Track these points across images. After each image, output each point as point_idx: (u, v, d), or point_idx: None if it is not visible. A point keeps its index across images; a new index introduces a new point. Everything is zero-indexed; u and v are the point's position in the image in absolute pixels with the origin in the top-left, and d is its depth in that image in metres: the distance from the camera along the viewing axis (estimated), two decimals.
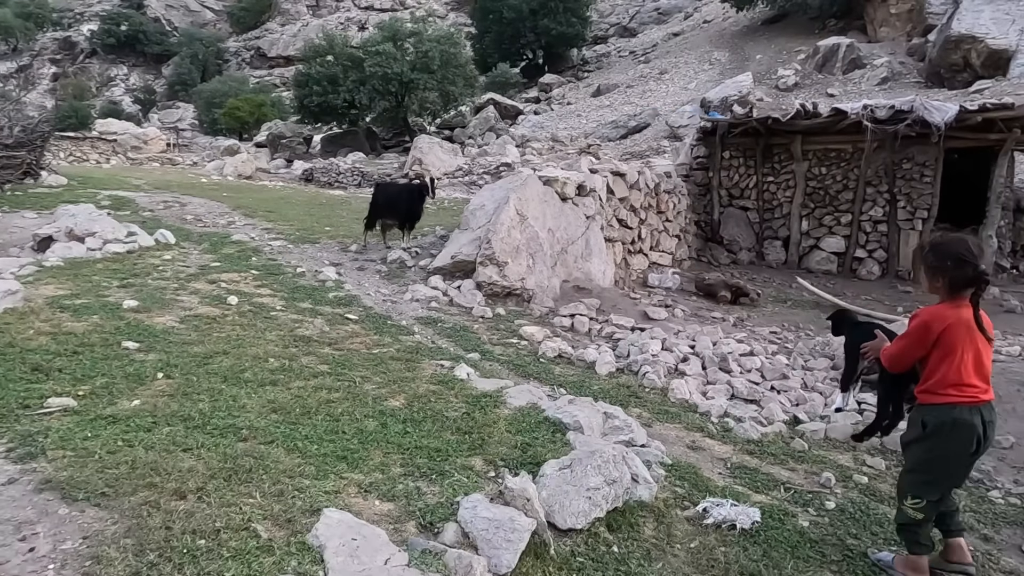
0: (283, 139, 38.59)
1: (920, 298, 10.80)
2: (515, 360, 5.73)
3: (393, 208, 8.69)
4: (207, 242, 8.75)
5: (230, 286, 6.76)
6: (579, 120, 41.63)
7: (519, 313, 7.17)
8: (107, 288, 6.26)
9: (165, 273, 7.04)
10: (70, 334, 4.83)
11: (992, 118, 10.77)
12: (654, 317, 7.33)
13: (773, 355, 6.46)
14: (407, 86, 35.95)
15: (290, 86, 54.40)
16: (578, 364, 5.86)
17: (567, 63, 53.78)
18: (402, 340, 5.76)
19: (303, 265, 7.97)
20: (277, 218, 11.41)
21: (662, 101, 39.94)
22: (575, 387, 5.26)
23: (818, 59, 37.59)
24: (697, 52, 45.64)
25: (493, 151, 31.10)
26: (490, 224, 7.62)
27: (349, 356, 5.11)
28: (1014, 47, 30.27)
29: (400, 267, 8.35)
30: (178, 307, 5.88)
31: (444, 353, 5.53)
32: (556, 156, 26.21)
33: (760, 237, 13.17)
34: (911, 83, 33.55)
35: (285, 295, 6.70)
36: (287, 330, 5.61)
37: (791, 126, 12.13)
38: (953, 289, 2.93)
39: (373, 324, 6.14)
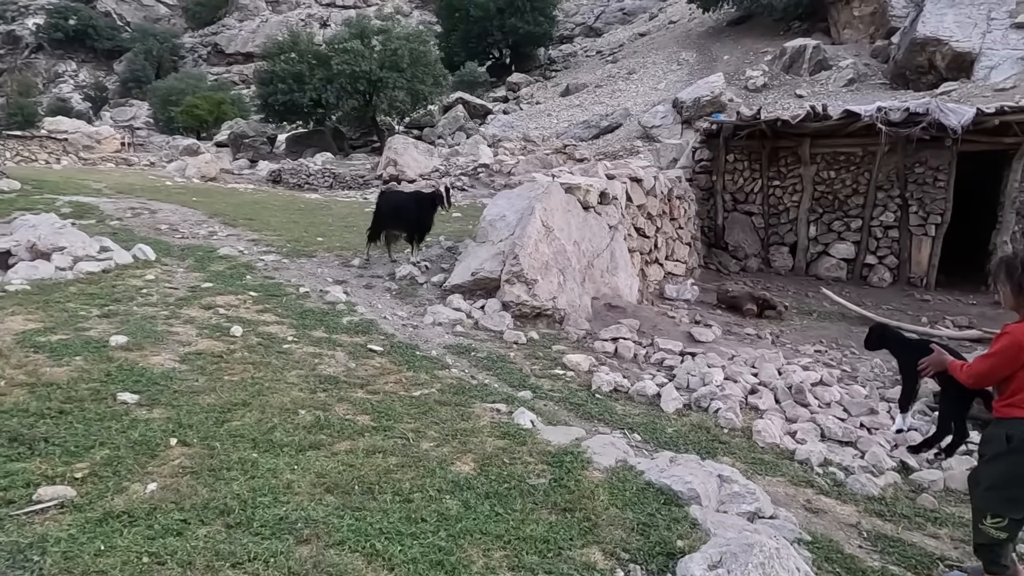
0: (246, 139, 37.08)
1: (938, 306, 10.47)
2: (570, 398, 5.03)
3: (401, 218, 7.89)
4: (191, 257, 7.82)
5: (229, 312, 5.90)
6: (549, 120, 41.14)
7: (554, 337, 6.47)
8: (86, 318, 5.35)
9: (151, 297, 6.14)
10: (52, 385, 3.96)
11: (1008, 121, 10.48)
12: (701, 339, 6.72)
13: (839, 381, 5.90)
14: (376, 85, 34.87)
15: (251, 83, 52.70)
16: (638, 400, 5.20)
17: (534, 62, 53.31)
18: (439, 376, 5.02)
19: (305, 284, 7.13)
20: (261, 227, 10.47)
21: (633, 101, 39.71)
22: (647, 430, 4.59)
23: (785, 60, 37.78)
24: (664, 52, 45.61)
25: (464, 151, 30.32)
26: (515, 238, 6.90)
27: (389, 401, 4.35)
28: (977, 50, 30.72)
29: (411, 284, 7.57)
30: (174, 341, 5.02)
31: (491, 392, 4.80)
32: (536, 158, 25.55)
33: (766, 243, 12.73)
34: (877, 84, 33.91)
35: (294, 322, 5.88)
36: (308, 368, 4.81)
37: (800, 128, 11.69)
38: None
39: (401, 356, 5.37)
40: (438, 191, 7.73)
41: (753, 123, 11.93)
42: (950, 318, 9.55)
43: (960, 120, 10.46)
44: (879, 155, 11.28)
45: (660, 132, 34.39)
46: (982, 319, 9.71)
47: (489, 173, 24.25)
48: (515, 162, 25.68)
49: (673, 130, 34.21)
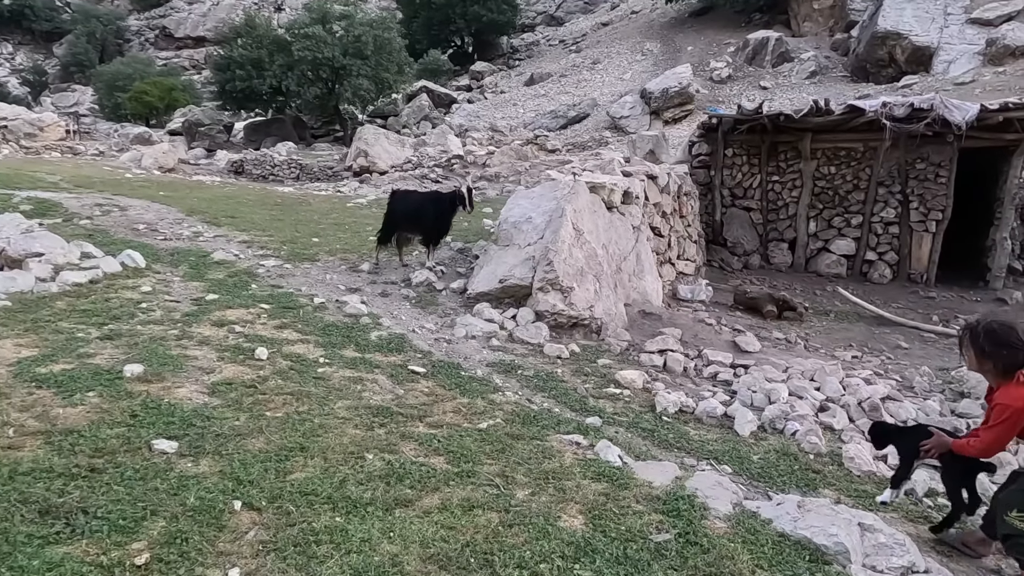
0: (201, 127, 35.49)
1: (944, 304, 10.43)
2: (638, 422, 4.62)
3: (416, 220, 7.31)
4: (184, 264, 7.12)
5: (245, 329, 5.29)
6: (516, 109, 40.66)
7: (595, 349, 6.05)
8: (86, 341, 4.69)
9: (153, 313, 5.47)
10: (71, 433, 3.35)
11: (1010, 118, 10.46)
12: (747, 349, 6.38)
13: (899, 390, 5.63)
14: (339, 72, 33.74)
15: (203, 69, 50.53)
16: (708, 422, 4.82)
17: (497, 51, 52.68)
18: (496, 402, 4.54)
19: (318, 293, 6.53)
20: (247, 226, 9.74)
21: (599, 91, 39.51)
22: (733, 460, 4.21)
23: (748, 52, 38.08)
24: (628, 43, 45.54)
25: (432, 141, 29.59)
26: (547, 242, 6.44)
27: (457, 437, 3.85)
28: (936, 44, 31.40)
29: (429, 291, 7.04)
30: (195, 368, 4.42)
31: (558, 420, 4.35)
32: (511, 150, 25.05)
33: (764, 239, 12.54)
34: (838, 77, 34.44)
35: (319, 339, 5.30)
36: (353, 397, 4.28)
37: (801, 123, 11.49)
38: (1006, 371, 3.15)
39: (447, 378, 4.88)
40: (459, 191, 7.18)
41: (755, 117, 11.67)
42: (963, 317, 9.49)
43: (964, 116, 10.38)
44: (882, 151, 11.15)
45: (629, 123, 34.28)
46: None
47: (463, 165, 23.65)
48: (486, 153, 25.16)
49: (642, 121, 34.14)
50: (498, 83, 45.96)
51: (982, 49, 29.81)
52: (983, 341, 3.19)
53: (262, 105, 35.10)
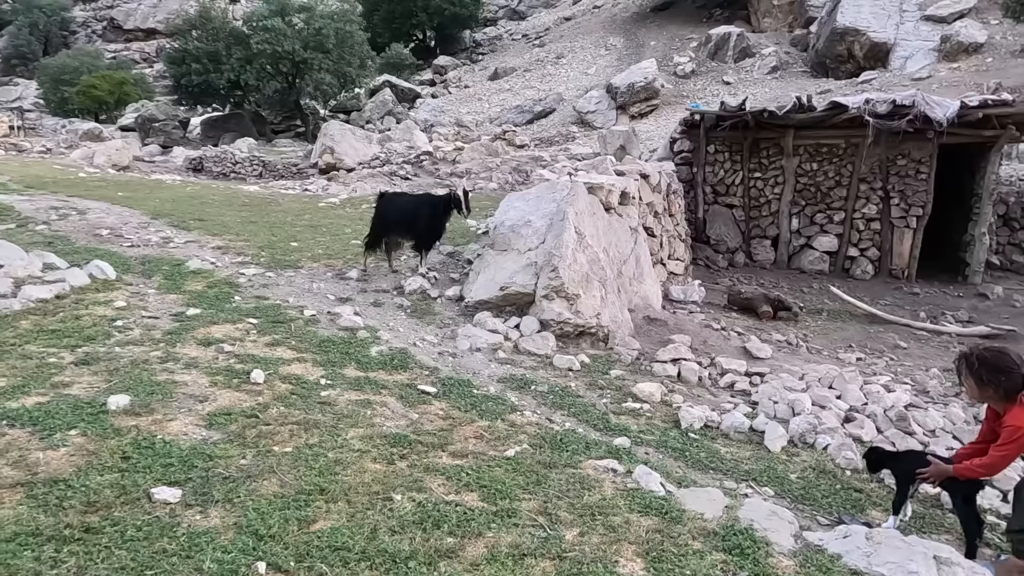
0: (155, 122, 34.09)
1: (928, 299, 10.49)
2: (666, 440, 4.37)
3: (408, 225, 6.91)
4: (158, 274, 6.60)
5: (235, 348, 4.86)
6: (481, 104, 40.30)
7: (605, 360, 5.78)
8: (60, 367, 4.22)
9: (131, 331, 5.00)
10: (57, 483, 2.93)
11: (988, 114, 10.56)
12: (759, 355, 6.20)
13: (915, 395, 5.51)
14: (299, 66, 32.84)
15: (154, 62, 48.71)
16: (735, 437, 4.60)
17: (460, 45, 52.15)
18: (516, 424, 4.24)
19: (307, 304, 6.11)
20: (219, 230, 9.19)
21: (564, 86, 39.40)
22: (772, 481, 4.00)
23: (710, 47, 38.39)
24: (592, 37, 45.51)
25: (397, 136, 29.02)
26: (551, 247, 6.14)
27: (486, 469, 3.54)
28: (892, 40, 32.05)
29: (423, 299, 6.67)
30: (186, 397, 4.00)
31: (586, 442, 4.06)
32: (481, 146, 24.64)
33: (747, 236, 12.48)
34: (799, 72, 34.96)
35: (317, 357, 4.91)
36: (365, 425, 3.92)
37: (784, 120, 11.44)
38: (1008, 395, 3.28)
39: (460, 398, 4.55)
40: (454, 194, 6.80)
41: (738, 114, 11.57)
42: (950, 313, 9.54)
43: (946, 113, 10.44)
44: (864, 147, 11.16)
45: (595, 118, 34.24)
46: (976, 313, 9.77)
47: (433, 161, 23.16)
48: (454, 148, 24.68)
49: (608, 115, 34.13)
50: (462, 78, 45.46)
51: (937, 45, 30.52)
52: (980, 370, 3.32)
53: (220, 100, 33.98)
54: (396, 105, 39.86)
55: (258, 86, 32.59)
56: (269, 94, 33.50)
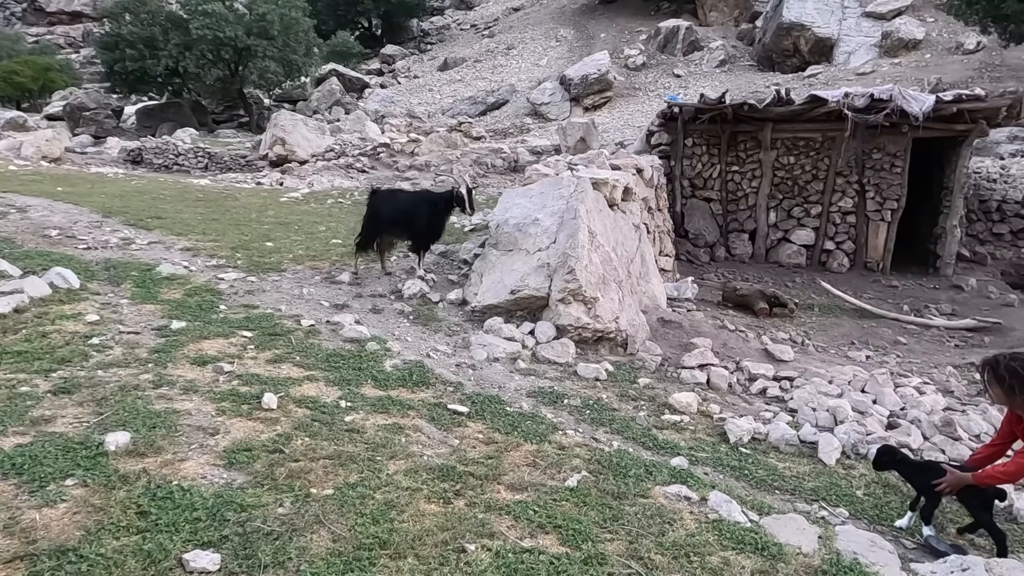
0: (85, 111, 32.06)
1: (907, 292, 10.59)
2: (721, 458, 4.07)
3: (405, 224, 6.39)
4: (128, 281, 5.92)
5: (234, 367, 4.32)
6: (432, 95, 39.63)
7: (630, 367, 5.46)
8: (35, 398, 3.61)
9: (110, 350, 4.39)
10: (64, 552, 2.40)
11: (961, 109, 10.70)
12: (782, 357, 5.98)
13: (941, 395, 5.39)
14: (242, 53, 31.37)
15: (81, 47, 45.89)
16: (787, 450, 4.34)
17: (407, 34, 51.14)
18: (564, 446, 3.87)
19: (302, 313, 5.56)
20: (183, 229, 8.45)
21: (516, 77, 39.07)
22: (842, 500, 3.77)
23: (660, 40, 38.64)
24: (542, 28, 45.27)
25: (348, 127, 28.14)
26: (565, 248, 5.77)
27: (552, 504, 3.16)
28: (836, 36, 32.85)
29: (424, 304, 6.20)
30: (193, 429, 3.46)
31: (644, 465, 3.72)
32: (439, 138, 24.02)
33: (725, 230, 12.39)
34: (746, 66, 35.54)
35: (328, 375, 4.41)
36: (403, 455, 3.48)
37: (762, 113, 11.36)
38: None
39: (496, 418, 4.14)
40: (456, 191, 6.30)
41: (717, 107, 11.43)
42: (932, 306, 9.63)
43: (922, 107, 10.52)
44: (844, 141, 11.17)
45: (549, 109, 34.04)
46: (955, 305, 9.90)
47: (391, 153, 22.45)
48: (408, 140, 24.00)
49: (562, 107, 33.99)
50: (411, 68, 44.56)
51: (878, 41, 31.41)
52: (1011, 382, 3.29)
53: (156, 88, 32.22)
54: (344, 95, 38.73)
55: (198, 74, 30.99)
56: (210, 82, 31.91)
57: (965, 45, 28.62)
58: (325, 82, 38.90)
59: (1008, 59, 26.56)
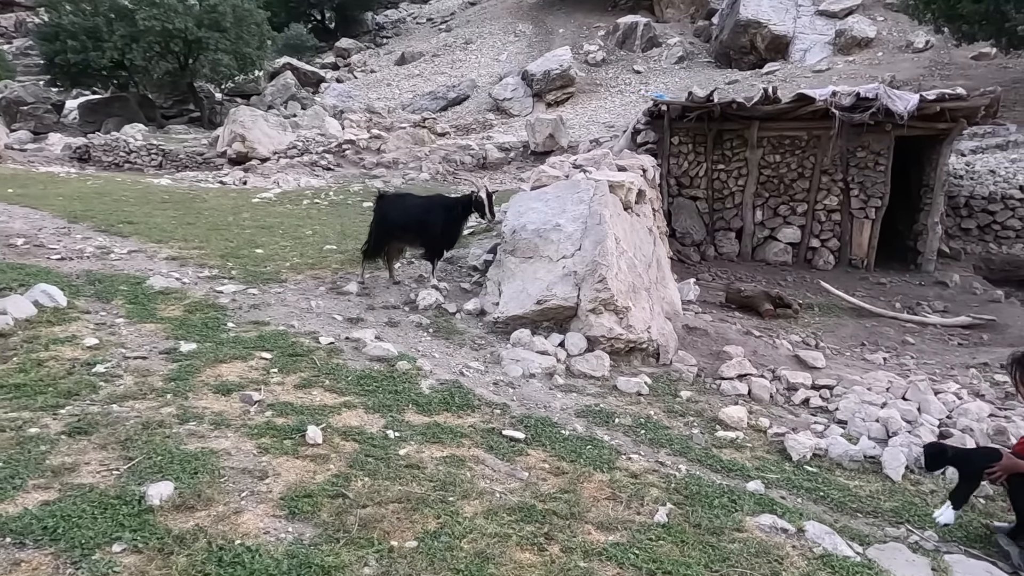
0: (23, 105, 30.28)
1: (896, 289, 10.70)
2: (791, 479, 3.88)
3: (418, 230, 6.00)
4: (118, 296, 5.40)
5: (262, 394, 3.92)
6: (391, 90, 38.94)
7: (667, 379, 5.23)
8: (50, 442, 3.16)
9: (119, 379, 3.93)
10: None
11: (944, 107, 10.84)
12: (815, 364, 5.84)
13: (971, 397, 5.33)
14: (192, 45, 30.09)
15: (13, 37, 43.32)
16: (851, 467, 4.18)
17: (362, 28, 50.11)
18: (635, 473, 3.63)
19: (318, 330, 5.15)
20: (160, 235, 7.87)
21: (477, 72, 38.70)
22: (925, 521, 3.60)
23: (619, 36, 38.75)
24: (500, 23, 44.98)
25: (306, 123, 27.31)
26: (592, 254, 5.51)
27: (647, 544, 2.91)
28: (791, 33, 33.44)
29: (441, 315, 5.85)
30: (239, 473, 3.08)
31: (724, 493, 3.50)
32: (406, 134, 23.47)
33: (711, 228, 12.32)
34: (704, 63, 35.92)
35: (364, 400, 4.05)
36: (474, 493, 3.17)
37: (751, 111, 11.30)
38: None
39: (554, 443, 3.86)
40: (475, 196, 5.92)
41: (705, 105, 11.33)
42: (925, 303, 9.73)
43: (906, 106, 10.62)
44: (831, 139, 11.20)
45: (512, 105, 33.76)
46: (943, 301, 10.04)
47: (357, 151, 21.84)
48: (369, 136, 23.40)
49: (524, 103, 33.76)
50: (367, 62, 43.66)
51: (832, 39, 32.08)
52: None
53: (101, 81, 30.62)
54: (299, 89, 37.65)
55: (146, 67, 29.56)
56: (159, 76, 30.52)
57: (915, 44, 29.44)
58: (279, 76, 37.73)
59: (955, 58, 27.42)
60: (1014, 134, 18.05)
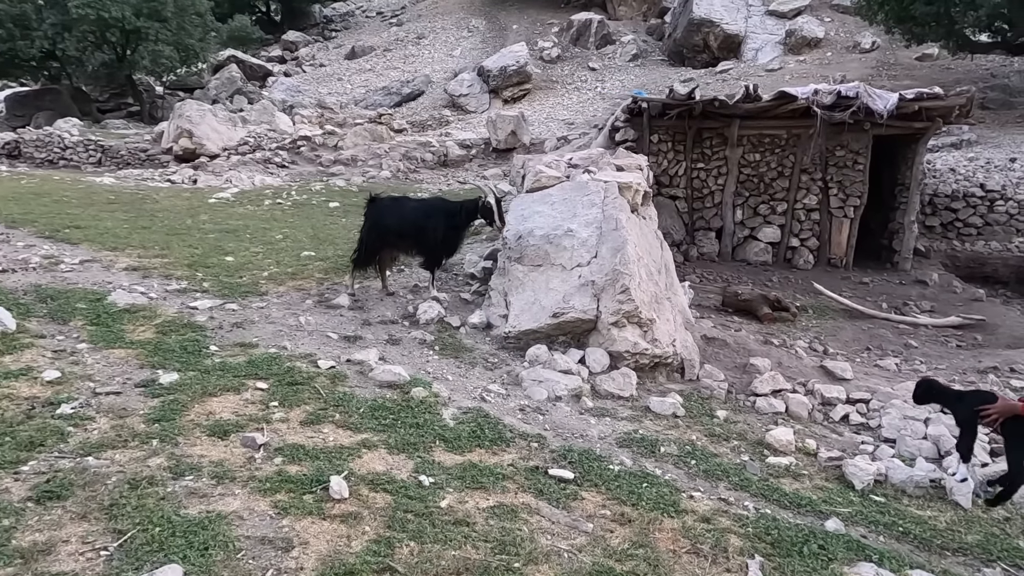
0: None
1: (879, 288, 10.64)
2: (865, 514, 3.53)
3: (415, 236, 5.41)
4: (76, 316, 4.68)
5: (266, 436, 3.33)
6: (342, 85, 37.90)
7: (699, 398, 4.84)
8: (16, 513, 2.54)
9: (91, 421, 3.28)
10: None
11: (921, 107, 10.85)
12: (843, 376, 5.52)
13: None
14: (131, 36, 28.45)
15: None
16: (915, 493, 3.85)
17: (309, 20, 48.69)
18: (705, 516, 3.22)
19: (312, 350, 4.56)
20: (114, 241, 7.06)
21: (431, 68, 37.99)
22: (1015, 554, 3.30)
23: (573, 33, 38.62)
24: (452, 18, 44.36)
25: (254, 118, 26.10)
26: (615, 262, 5.08)
27: None
28: (743, 33, 33.86)
29: (445, 330, 5.32)
30: (258, 544, 2.53)
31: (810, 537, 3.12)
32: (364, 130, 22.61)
33: (691, 228, 12.08)
34: (658, 60, 36.09)
35: (384, 436, 3.51)
36: (540, 557, 2.69)
37: (732, 109, 11.09)
38: None
39: (606, 483, 3.41)
40: (484, 201, 5.33)
41: (686, 102, 11.05)
42: (912, 303, 9.68)
43: (886, 105, 10.57)
44: (813, 138, 11.07)
45: (468, 101, 33.22)
46: (925, 300, 10.02)
47: (312, 147, 20.92)
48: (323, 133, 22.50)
49: (481, 99, 33.27)
50: (315, 55, 42.37)
51: (783, 39, 32.57)
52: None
53: (30, 73, 28.75)
54: (246, 83, 36.22)
55: (80, 58, 27.82)
56: (94, 67, 28.77)
57: (862, 44, 30.11)
58: (223, 69, 36.20)
59: (900, 59, 28.14)
60: (967, 133, 18.47)
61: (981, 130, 18.58)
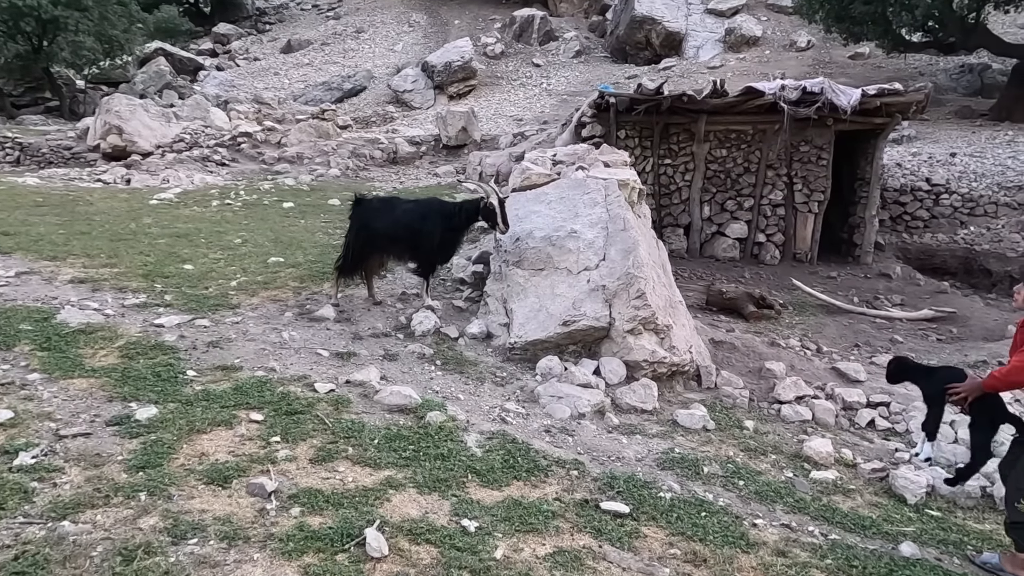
0: None
1: (848, 283, 10.72)
2: (930, 531, 3.32)
3: (408, 241, 4.89)
4: (20, 338, 4.00)
5: (273, 481, 2.84)
6: (279, 79, 36.55)
7: (722, 407, 4.56)
8: None
9: (59, 473, 2.72)
10: None
11: (882, 102, 10.99)
12: (857, 377, 5.35)
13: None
14: (48, 25, 26.53)
15: None
16: (966, 504, 3.67)
17: (240, 12, 46.77)
18: (778, 548, 2.95)
19: (307, 372, 4.04)
20: (52, 249, 6.27)
21: (372, 63, 37.08)
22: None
23: (515, 28, 38.37)
24: (392, 12, 43.48)
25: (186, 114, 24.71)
26: (627, 265, 4.75)
27: None
28: (684, 31, 34.31)
29: (442, 341, 4.87)
30: None
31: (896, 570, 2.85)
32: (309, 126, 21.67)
33: (658, 225, 11.91)
34: (601, 57, 36.23)
35: (411, 475, 3.07)
36: None
37: (699, 105, 10.98)
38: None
39: (662, 513, 3.08)
40: (485, 203, 4.82)
41: (654, 98, 10.88)
42: (883, 297, 9.76)
43: (850, 100, 10.66)
44: (779, 134, 11.06)
45: (412, 97, 32.53)
46: (892, 293, 10.14)
47: (254, 144, 19.91)
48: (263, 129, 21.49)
49: (426, 95, 32.64)
50: (249, 49, 40.70)
51: (722, 37, 33.13)
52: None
53: None
54: (175, 77, 34.42)
55: None
56: (8, 59, 26.64)
57: (798, 43, 30.90)
58: (151, 62, 34.30)
59: (835, 57, 29.01)
60: (907, 129, 19.01)
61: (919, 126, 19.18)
